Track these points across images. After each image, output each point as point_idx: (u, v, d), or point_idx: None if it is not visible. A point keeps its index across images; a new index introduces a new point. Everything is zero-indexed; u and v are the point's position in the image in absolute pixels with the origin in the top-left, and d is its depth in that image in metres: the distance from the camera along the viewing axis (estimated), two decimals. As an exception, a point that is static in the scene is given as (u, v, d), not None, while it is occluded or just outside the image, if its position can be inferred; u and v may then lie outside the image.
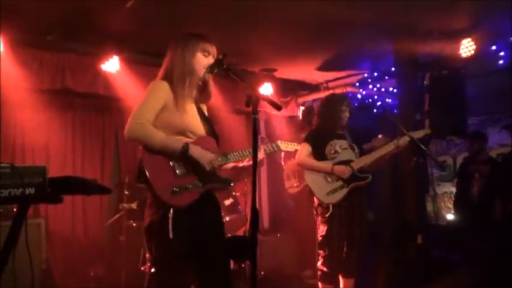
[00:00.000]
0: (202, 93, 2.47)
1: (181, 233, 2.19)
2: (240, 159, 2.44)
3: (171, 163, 2.24)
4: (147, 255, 3.93)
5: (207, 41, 2.38)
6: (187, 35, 2.41)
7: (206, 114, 2.55)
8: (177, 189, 2.20)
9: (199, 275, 2.30)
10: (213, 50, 2.39)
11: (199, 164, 2.26)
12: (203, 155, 2.28)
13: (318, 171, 3.57)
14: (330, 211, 3.47)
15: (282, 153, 6.18)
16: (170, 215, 2.17)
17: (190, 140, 2.31)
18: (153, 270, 2.29)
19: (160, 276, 2.25)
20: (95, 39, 4.39)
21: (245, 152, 2.44)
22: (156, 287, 2.25)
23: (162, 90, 2.27)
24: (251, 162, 2.39)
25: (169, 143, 2.21)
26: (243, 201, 4.96)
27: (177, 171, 2.24)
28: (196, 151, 2.26)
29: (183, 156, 2.22)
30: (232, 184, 2.50)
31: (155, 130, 2.22)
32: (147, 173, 2.17)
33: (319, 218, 3.57)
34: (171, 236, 2.15)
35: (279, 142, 2.70)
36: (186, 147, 2.22)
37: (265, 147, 2.59)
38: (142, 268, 4.12)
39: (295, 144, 2.86)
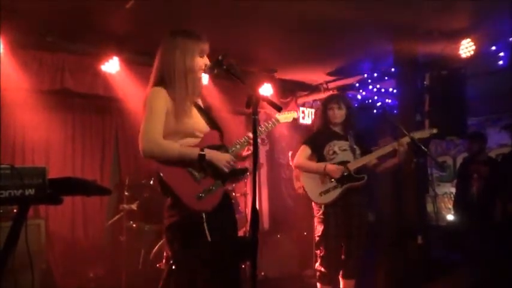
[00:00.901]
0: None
1: (213, 236, 2.20)
2: (246, 145, 2.43)
3: (188, 169, 2.24)
4: (165, 253, 3.94)
5: (204, 41, 2.34)
6: (183, 34, 2.33)
7: (202, 106, 2.51)
8: (202, 194, 2.21)
9: (214, 275, 2.30)
10: (207, 48, 2.36)
11: (218, 168, 2.27)
12: (219, 157, 2.28)
13: (313, 172, 3.57)
14: (322, 211, 3.48)
15: (290, 153, 6.18)
16: (204, 220, 2.19)
17: (198, 139, 2.31)
18: (173, 267, 2.30)
19: (180, 275, 2.25)
20: (95, 39, 4.39)
21: (243, 140, 2.42)
22: (174, 284, 2.26)
23: (162, 99, 2.23)
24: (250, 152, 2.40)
25: (186, 152, 2.22)
26: (242, 202, 4.96)
27: (196, 176, 2.24)
28: (212, 156, 2.25)
29: (201, 164, 2.23)
30: (248, 171, 2.50)
31: (170, 143, 2.22)
32: (170, 186, 2.17)
33: (316, 218, 3.58)
34: (209, 239, 2.18)
35: (277, 115, 2.67)
36: (202, 155, 2.21)
37: (266, 124, 2.56)
38: (158, 265, 4.13)
39: (292, 112, 2.84)
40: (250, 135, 2.37)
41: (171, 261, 2.30)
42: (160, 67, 2.31)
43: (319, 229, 3.53)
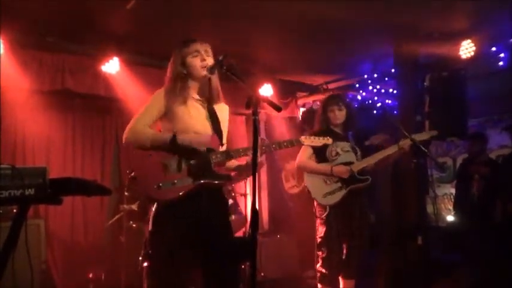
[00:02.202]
0: (210, 94, 2.50)
1: (164, 227, 2.26)
2: (242, 155, 2.43)
3: (163, 162, 2.29)
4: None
5: (192, 42, 2.42)
6: (177, 46, 2.46)
7: (222, 113, 2.57)
8: (162, 184, 2.25)
9: (205, 273, 2.34)
10: (202, 46, 2.42)
11: (193, 149, 2.30)
12: (193, 138, 2.33)
13: (317, 173, 3.57)
14: (327, 212, 3.48)
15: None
16: (153, 209, 2.27)
17: None
18: (145, 264, 2.35)
19: (152, 271, 2.31)
20: (95, 40, 4.39)
21: (249, 149, 2.41)
22: (147, 279, 2.31)
23: (159, 98, 2.38)
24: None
25: (157, 136, 2.32)
26: (242, 203, 4.96)
27: (169, 169, 2.29)
28: (185, 138, 2.31)
29: (174, 146, 2.26)
30: (231, 179, 2.51)
31: (144, 129, 2.33)
32: (135, 170, 2.31)
33: (318, 220, 3.57)
34: (150, 228, 2.27)
35: (302, 138, 2.59)
36: (174, 136, 2.26)
37: (282, 143, 2.51)
38: (143, 265, 4.12)
39: (324, 138, 2.67)
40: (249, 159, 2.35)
41: (142, 258, 2.38)
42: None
43: (321, 230, 3.53)
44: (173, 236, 2.24)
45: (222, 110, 2.59)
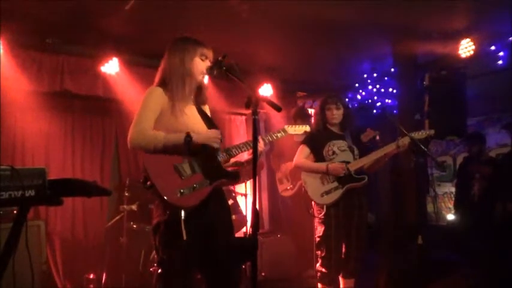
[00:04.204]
0: (199, 96, 2.50)
1: (192, 234, 2.19)
2: (244, 150, 2.44)
3: (175, 165, 2.24)
4: (155, 256, 3.91)
5: (205, 46, 2.42)
6: (185, 39, 2.42)
7: (208, 114, 2.56)
8: (184, 190, 2.19)
9: (209, 275, 2.33)
10: (209, 54, 2.42)
11: (207, 146, 2.27)
12: (207, 134, 2.32)
13: (314, 172, 3.58)
14: (324, 212, 3.48)
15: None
16: (182, 217, 2.17)
17: None
18: (160, 271, 2.29)
19: (167, 277, 2.25)
20: (94, 41, 4.39)
21: (248, 143, 2.43)
22: (159, 284, 2.25)
23: (157, 97, 2.32)
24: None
25: (171, 138, 2.24)
26: (242, 203, 4.96)
27: (182, 172, 2.24)
28: (199, 136, 2.28)
29: (188, 146, 2.22)
30: (240, 178, 2.49)
31: (155, 132, 2.25)
32: (152, 179, 2.16)
33: (316, 219, 3.58)
34: (185, 237, 2.16)
35: (286, 126, 2.69)
36: (188, 136, 2.23)
37: (272, 134, 2.57)
38: (151, 269, 4.10)
39: (304, 126, 2.80)
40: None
41: (157, 265, 2.31)
42: (162, 69, 2.41)
43: (319, 230, 3.54)
44: (190, 242, 2.18)
45: (207, 111, 2.60)
